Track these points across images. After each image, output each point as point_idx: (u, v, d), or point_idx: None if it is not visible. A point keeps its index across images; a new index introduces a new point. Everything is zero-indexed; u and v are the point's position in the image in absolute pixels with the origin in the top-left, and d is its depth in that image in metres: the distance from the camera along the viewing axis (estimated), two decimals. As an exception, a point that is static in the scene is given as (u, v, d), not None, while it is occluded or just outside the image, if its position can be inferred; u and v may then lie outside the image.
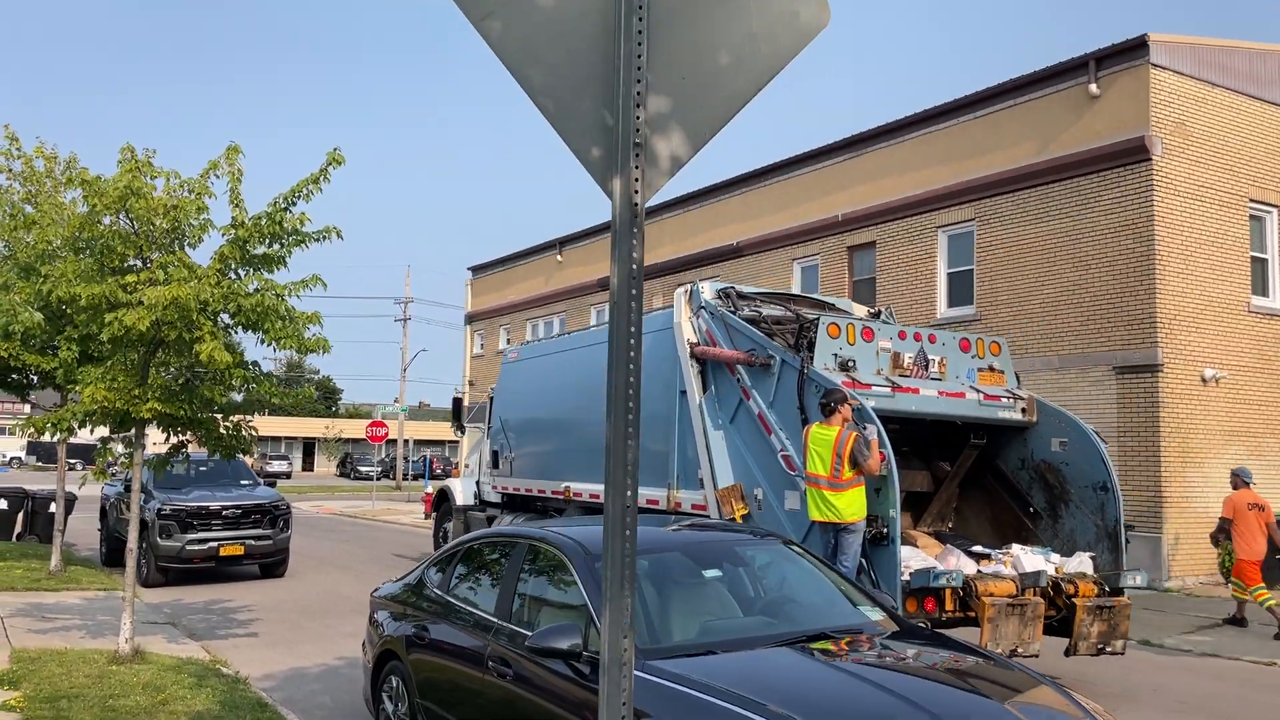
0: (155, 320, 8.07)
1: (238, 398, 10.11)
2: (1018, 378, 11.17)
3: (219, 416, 9.34)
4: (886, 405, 9.53)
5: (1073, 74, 17.63)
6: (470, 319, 37.78)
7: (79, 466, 74.58)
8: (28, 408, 19.57)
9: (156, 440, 10.29)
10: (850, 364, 9.84)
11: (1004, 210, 18.73)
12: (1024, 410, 10.49)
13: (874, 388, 9.74)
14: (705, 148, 2.90)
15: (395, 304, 62.80)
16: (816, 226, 22.63)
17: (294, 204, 8.94)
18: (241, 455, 9.78)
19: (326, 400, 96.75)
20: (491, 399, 16.92)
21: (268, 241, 8.98)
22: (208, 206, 8.92)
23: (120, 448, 9.85)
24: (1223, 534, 13.16)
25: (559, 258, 32.51)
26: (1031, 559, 9.32)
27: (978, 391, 10.36)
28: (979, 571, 8.89)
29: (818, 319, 10.24)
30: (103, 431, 9.56)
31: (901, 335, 10.45)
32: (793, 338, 10.30)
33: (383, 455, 67.39)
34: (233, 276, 8.81)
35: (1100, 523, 9.88)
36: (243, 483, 17.62)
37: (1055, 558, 9.60)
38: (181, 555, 15.47)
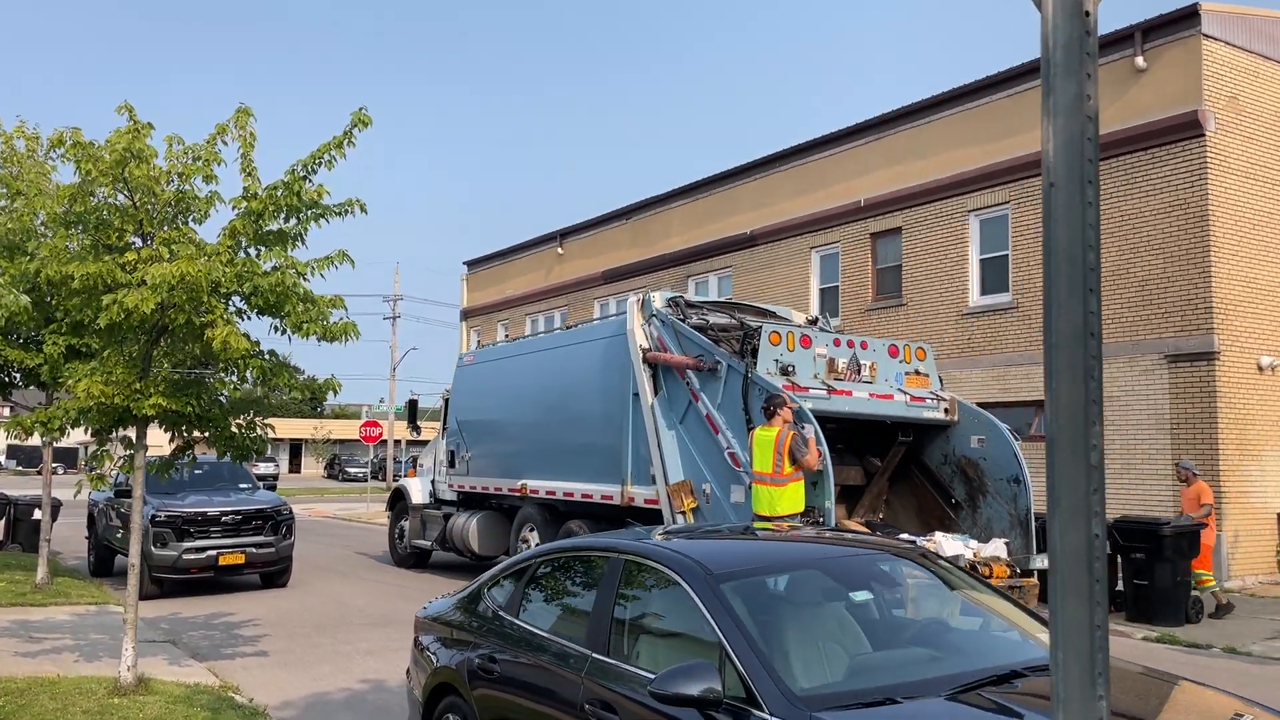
0: (160, 303, 7.02)
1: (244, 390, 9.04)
2: (941, 380, 12.25)
3: (230, 414, 8.28)
4: (823, 407, 10.52)
5: (1117, 46, 16.72)
6: (466, 315, 36.69)
7: (60, 470, 73.14)
8: (7, 410, 18.43)
9: (157, 442, 9.23)
10: (790, 369, 10.81)
11: (1041, 192, 17.77)
12: (946, 410, 11.61)
13: (811, 391, 10.71)
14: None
15: (384, 301, 61.34)
16: (837, 213, 21.67)
17: (314, 171, 7.90)
18: (256, 457, 8.73)
19: (312, 401, 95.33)
20: (447, 401, 17.58)
21: (284, 215, 7.94)
22: (216, 175, 7.88)
23: (120, 449, 8.76)
24: None
25: (560, 250, 31.47)
26: (952, 544, 10.38)
27: (905, 393, 11.49)
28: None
29: (760, 327, 11.22)
30: (88, 433, 8.53)
31: (836, 342, 11.50)
32: (738, 344, 11.33)
33: (372, 456, 66.21)
34: (245, 255, 7.75)
35: (1013, 512, 10.98)
36: (241, 486, 16.53)
37: (973, 543, 10.63)
38: (178, 565, 14.38)
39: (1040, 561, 10.14)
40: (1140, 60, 16.39)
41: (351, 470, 69.08)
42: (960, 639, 4.58)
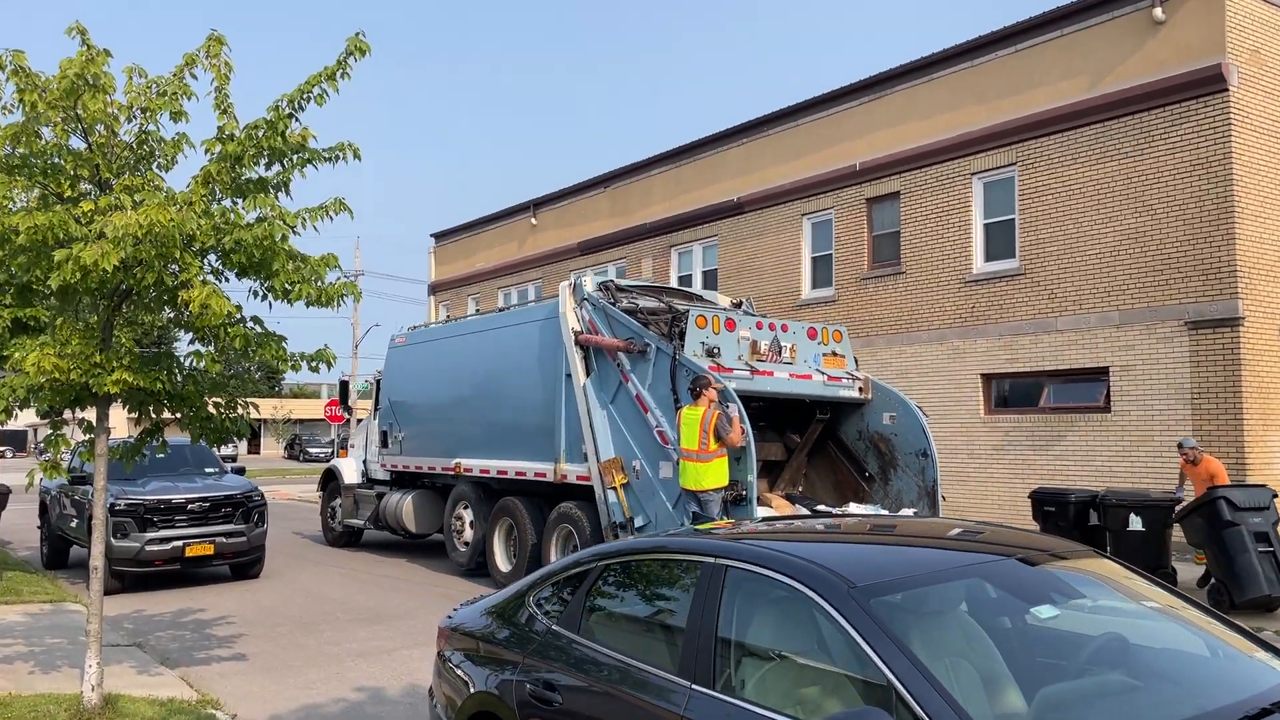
0: (124, 259, 5.90)
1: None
2: (856, 361, 12.80)
3: (208, 391, 7.18)
4: (746, 387, 11.03)
5: (1133, -2, 15.89)
6: (434, 289, 35.40)
7: (9, 454, 70.69)
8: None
9: (116, 424, 8.09)
10: (715, 351, 11.28)
11: (1050, 153, 16.99)
12: (861, 389, 12.31)
13: (735, 371, 11.22)
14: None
15: (345, 278, 59.52)
16: (830, 177, 20.73)
17: (302, 109, 6.79)
18: (238, 440, 7.62)
19: (269, 380, 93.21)
20: (378, 381, 17.69)
21: (266, 160, 6.83)
22: (186, 112, 6.74)
23: (78, 433, 7.62)
24: None
25: (533, 221, 30.29)
26: (865, 515, 10.89)
27: (822, 374, 12.08)
28: (765, 518, 10.11)
29: (687, 311, 11.68)
30: (40, 415, 7.41)
31: (759, 325, 11.95)
32: (666, 327, 11.74)
33: (333, 436, 64.47)
34: (221, 205, 6.63)
35: (921, 484, 11.76)
36: (207, 470, 15.34)
37: (885, 513, 11.27)
38: (140, 558, 13.22)
39: None
40: (1159, 12, 15.57)
41: (313, 451, 67.35)
42: (1177, 667, 3.65)
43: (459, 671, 5.14)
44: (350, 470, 18.35)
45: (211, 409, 7.18)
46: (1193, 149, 15.17)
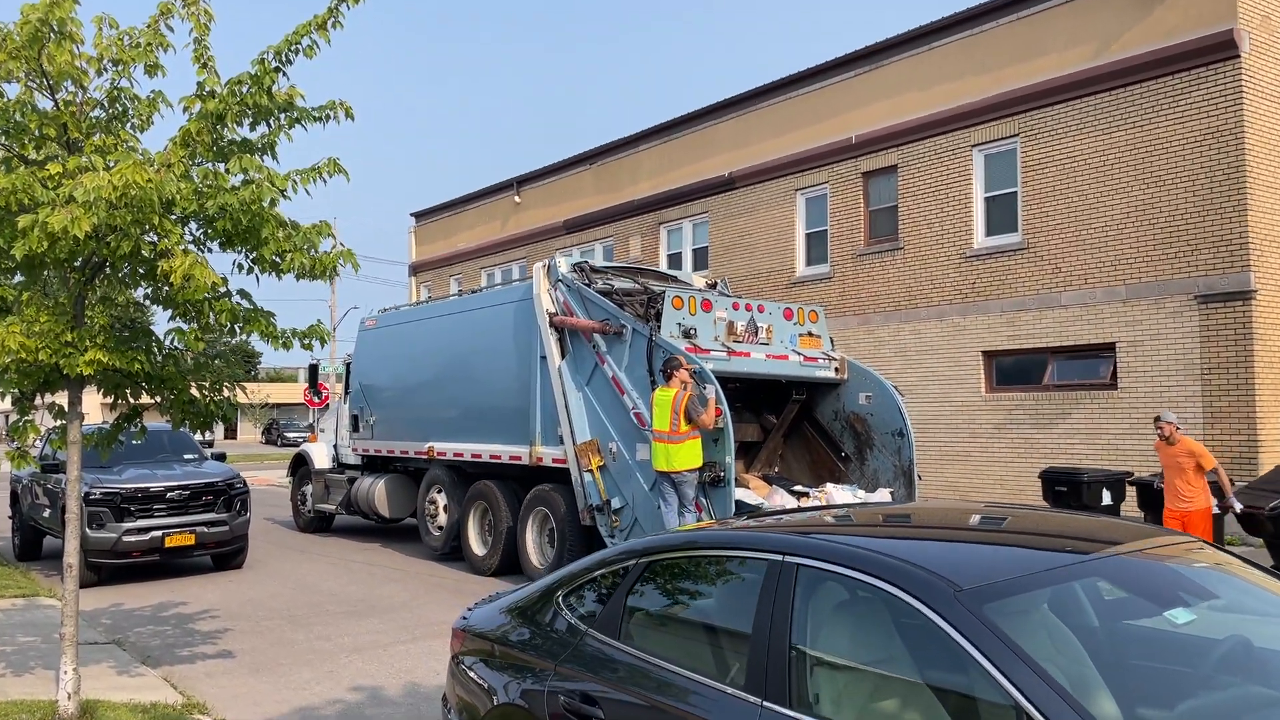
0: (97, 226, 5.31)
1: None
2: (832, 341, 12.64)
3: (191, 373, 6.60)
4: (723, 368, 10.98)
5: (1141, -38, 15.43)
6: (415, 269, 34.69)
7: (-21, 441, 69.45)
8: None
9: (89, 410, 7.49)
10: (692, 332, 11.17)
11: (1054, 123, 16.55)
12: (837, 369, 12.21)
13: (712, 352, 11.12)
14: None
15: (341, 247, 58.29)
16: (825, 151, 20.23)
17: (289, 62, 6.20)
18: (225, 424, 7.05)
19: (246, 363, 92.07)
20: (349, 365, 17.37)
21: (251, 119, 6.24)
22: (162, 65, 6.14)
23: (48, 419, 7.03)
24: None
25: (517, 199, 29.63)
26: (842, 494, 11.25)
27: (799, 354, 11.96)
28: (799, 506, 10.16)
29: (664, 292, 11.63)
30: (5, 399, 6.81)
31: (735, 306, 11.80)
32: (642, 308, 11.71)
33: (310, 420, 63.58)
34: (203, 168, 6.04)
35: (898, 463, 11.59)
36: (186, 457, 14.71)
37: (861, 493, 11.42)
38: (118, 549, 12.61)
39: None
40: (1168, -24, 15.12)
41: (291, 435, 66.41)
42: None
43: (478, 679, 4.63)
44: (321, 455, 18.04)
45: (195, 391, 6.61)
46: (1203, 118, 14.75)
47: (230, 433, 79.34)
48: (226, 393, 6.76)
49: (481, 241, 31.01)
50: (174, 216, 5.70)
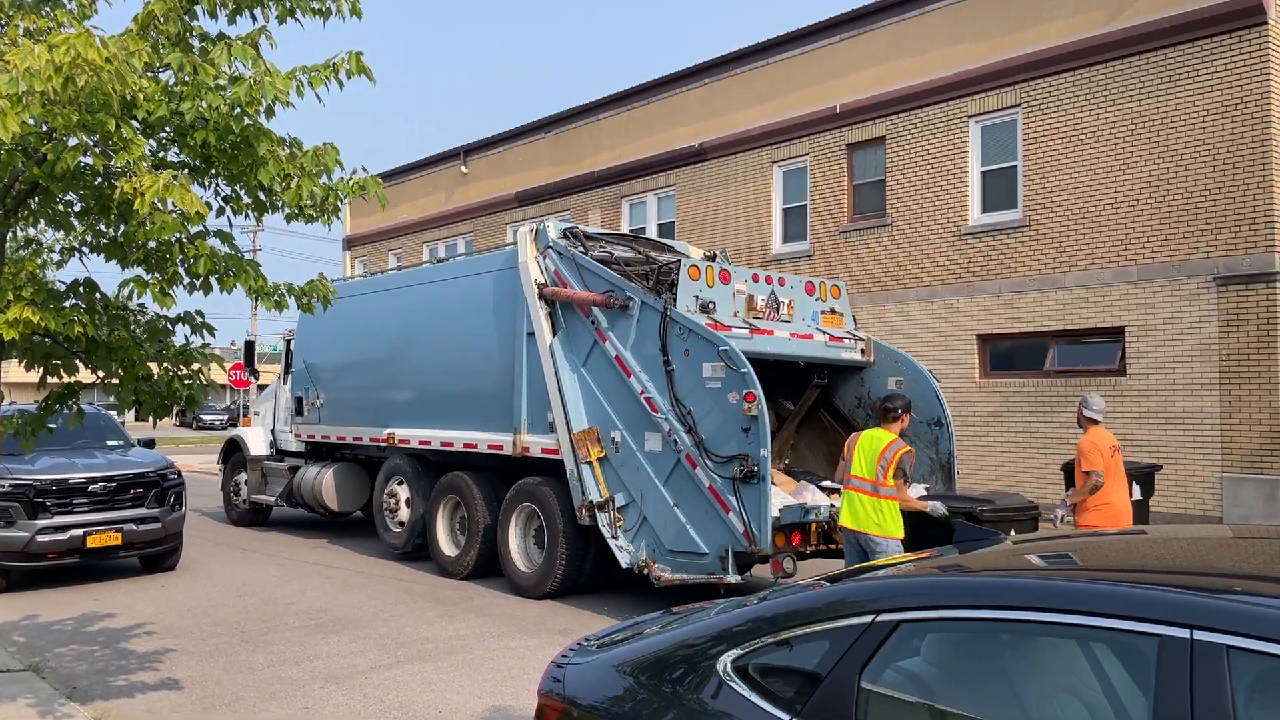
0: (28, 126, 3.76)
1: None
2: (855, 319, 11.66)
3: (148, 340, 5.05)
4: (745, 347, 9.56)
5: (1161, -79, 14.48)
6: (350, 243, 32.70)
7: None
8: None
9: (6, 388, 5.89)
10: (710, 306, 10.02)
11: (1059, 94, 15.57)
12: (863, 351, 11.11)
13: (734, 330, 9.91)
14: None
15: (244, 233, 55.59)
16: (806, 121, 19.02)
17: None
18: (196, 410, 5.49)
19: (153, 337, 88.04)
20: (289, 342, 15.97)
21: (231, 6, 4.72)
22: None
23: (-45, 399, 5.40)
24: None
25: (464, 169, 27.91)
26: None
27: (824, 333, 10.89)
28: (833, 505, 9.16)
29: (679, 261, 10.50)
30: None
31: (755, 278, 10.66)
32: (650, 280, 10.50)
33: (229, 403, 60.64)
34: (176, 54, 4.51)
35: (935, 456, 10.52)
36: (111, 443, 12.93)
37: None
38: (30, 550, 10.85)
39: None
40: (1190, -64, 14.20)
41: (206, 418, 63.49)
42: None
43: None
44: (256, 441, 16.46)
45: (154, 366, 5.06)
46: (1226, 88, 13.88)
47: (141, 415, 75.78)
48: (199, 364, 5.22)
49: (424, 214, 29.22)
50: (135, 124, 4.16)
